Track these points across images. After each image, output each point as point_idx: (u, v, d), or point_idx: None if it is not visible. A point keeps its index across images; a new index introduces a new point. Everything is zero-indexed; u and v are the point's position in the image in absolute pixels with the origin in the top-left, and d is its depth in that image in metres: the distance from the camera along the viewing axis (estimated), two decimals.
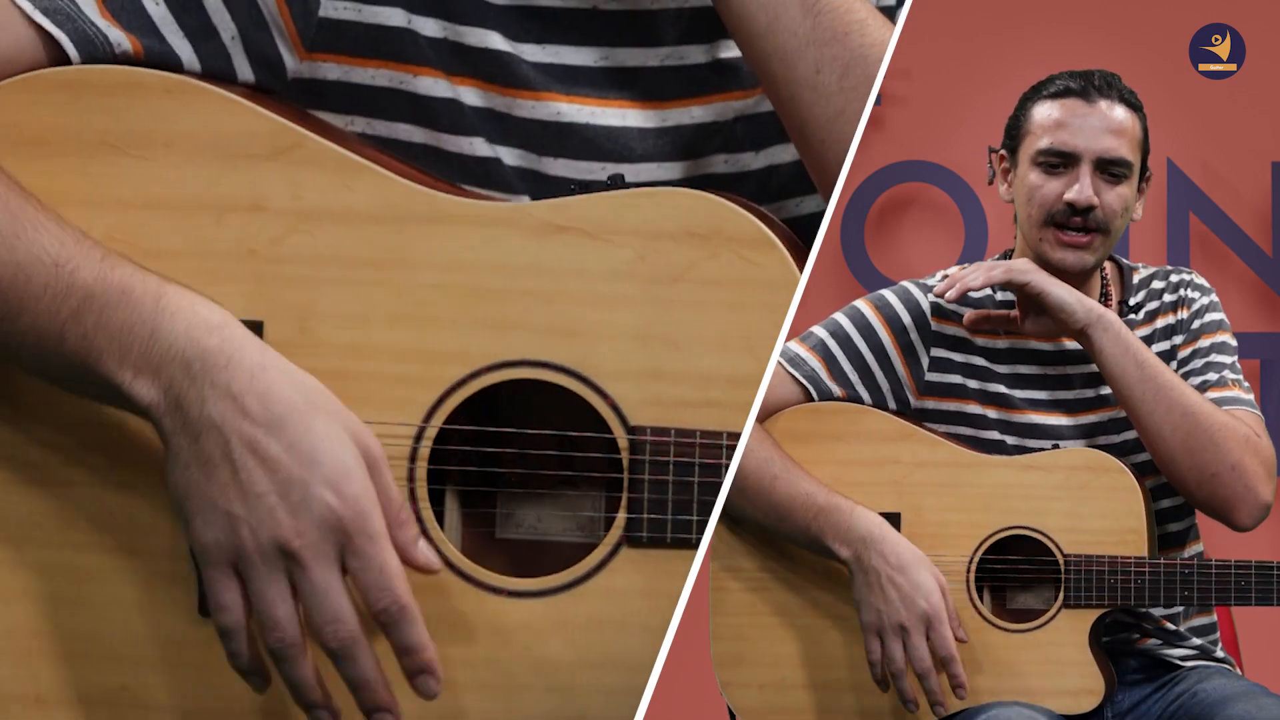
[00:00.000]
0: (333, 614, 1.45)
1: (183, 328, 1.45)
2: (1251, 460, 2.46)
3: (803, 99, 1.59)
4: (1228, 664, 2.62)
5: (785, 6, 1.58)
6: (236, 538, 1.44)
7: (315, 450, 1.44)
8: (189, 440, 1.45)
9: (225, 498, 1.44)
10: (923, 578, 2.44)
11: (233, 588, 1.47)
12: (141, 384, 1.45)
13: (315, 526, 1.43)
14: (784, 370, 2.58)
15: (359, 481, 1.44)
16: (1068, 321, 2.48)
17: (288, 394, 1.44)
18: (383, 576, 1.45)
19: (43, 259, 1.45)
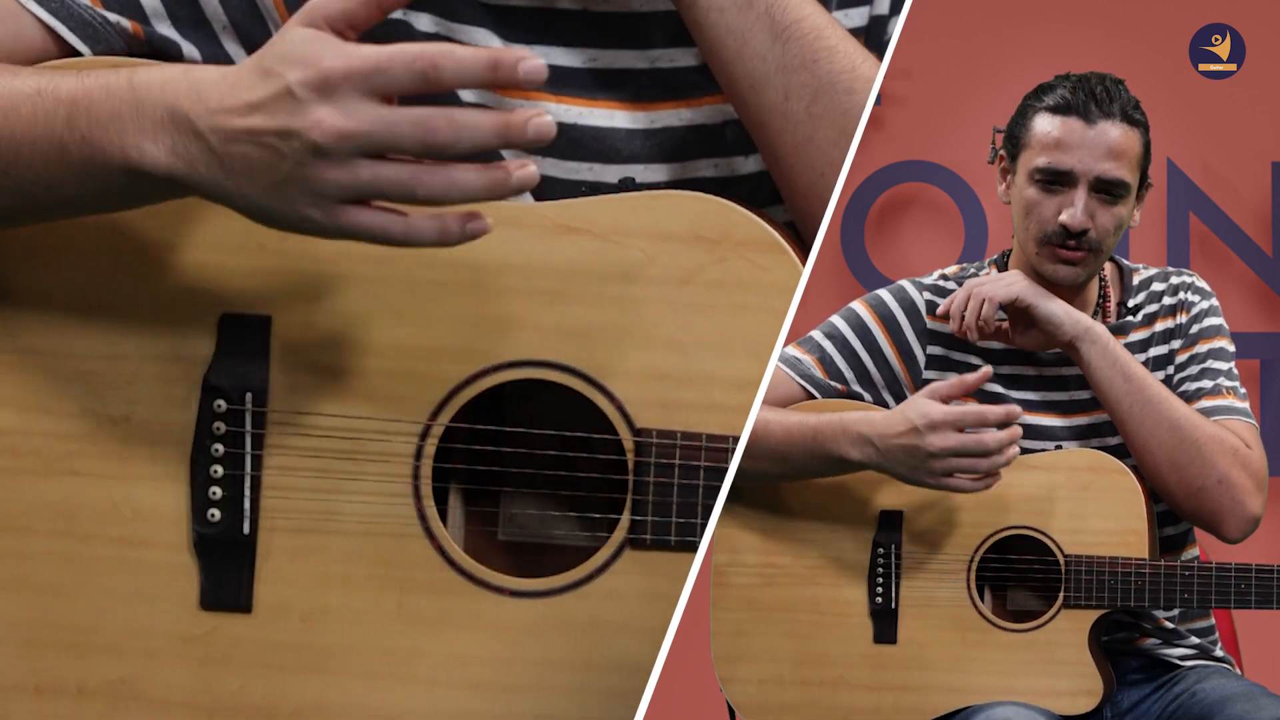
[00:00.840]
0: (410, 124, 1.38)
1: (157, 87, 1.43)
2: (1239, 474, 2.47)
3: (772, 124, 1.60)
4: (1227, 663, 2.63)
5: (753, 32, 1.58)
6: (307, 183, 1.40)
7: (272, 67, 1.39)
8: (217, 168, 1.43)
9: (271, 169, 1.40)
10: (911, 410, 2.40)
11: (360, 213, 1.41)
12: (149, 153, 1.44)
13: (321, 104, 1.38)
14: (784, 373, 2.59)
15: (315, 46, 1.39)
16: (1055, 335, 2.51)
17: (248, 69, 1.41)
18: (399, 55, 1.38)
19: (25, 91, 1.46)
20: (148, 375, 1.56)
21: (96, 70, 1.46)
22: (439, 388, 1.54)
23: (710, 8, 1.59)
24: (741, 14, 1.58)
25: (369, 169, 1.39)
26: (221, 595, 1.55)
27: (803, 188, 1.60)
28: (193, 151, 1.42)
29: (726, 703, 2.62)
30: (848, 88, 1.59)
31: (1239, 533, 2.48)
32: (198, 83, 1.43)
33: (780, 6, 1.59)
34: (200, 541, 1.55)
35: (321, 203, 1.40)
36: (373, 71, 1.37)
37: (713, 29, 1.59)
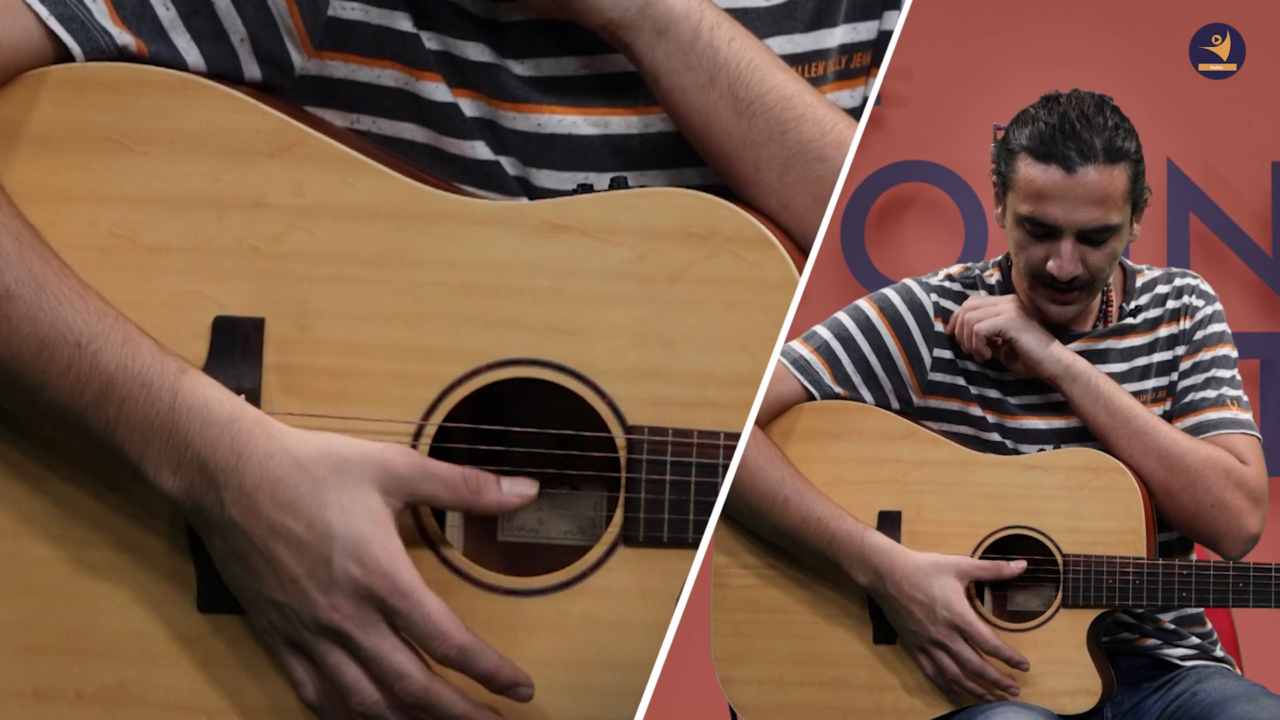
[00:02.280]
0: (395, 674, 1.47)
1: (198, 428, 1.47)
2: (1233, 495, 2.48)
3: (746, 193, 1.60)
4: (1227, 663, 2.63)
5: (717, 110, 1.59)
6: (285, 622, 1.48)
7: (329, 525, 1.45)
8: (220, 539, 1.48)
9: (266, 587, 1.47)
10: (938, 588, 2.45)
11: (303, 665, 1.50)
12: (165, 477, 1.48)
13: (348, 599, 1.46)
14: (786, 370, 2.59)
15: (376, 543, 1.46)
16: (1036, 371, 2.53)
17: (295, 478, 1.46)
18: (429, 626, 1.46)
19: (66, 337, 1.47)
20: None
21: (142, 351, 1.48)
22: (431, 388, 1.54)
23: (673, 88, 1.59)
24: (704, 93, 1.59)
25: (336, 658, 1.48)
26: (218, 597, 1.55)
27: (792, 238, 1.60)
28: (207, 507, 1.47)
29: (729, 705, 2.62)
30: (819, 155, 1.60)
31: (1237, 552, 2.50)
32: (241, 446, 1.46)
33: (744, 82, 1.59)
34: (197, 544, 1.55)
35: (280, 634, 1.49)
36: (403, 614, 1.46)
37: (676, 107, 1.60)
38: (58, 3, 1.53)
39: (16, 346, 1.47)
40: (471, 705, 1.50)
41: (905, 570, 2.47)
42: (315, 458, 1.47)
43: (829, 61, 1.72)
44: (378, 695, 1.48)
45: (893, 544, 2.49)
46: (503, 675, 1.49)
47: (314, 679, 1.50)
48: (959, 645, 2.45)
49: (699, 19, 1.58)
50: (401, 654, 1.47)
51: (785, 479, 2.51)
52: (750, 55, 1.59)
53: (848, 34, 1.72)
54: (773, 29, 1.68)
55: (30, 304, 1.47)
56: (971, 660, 2.45)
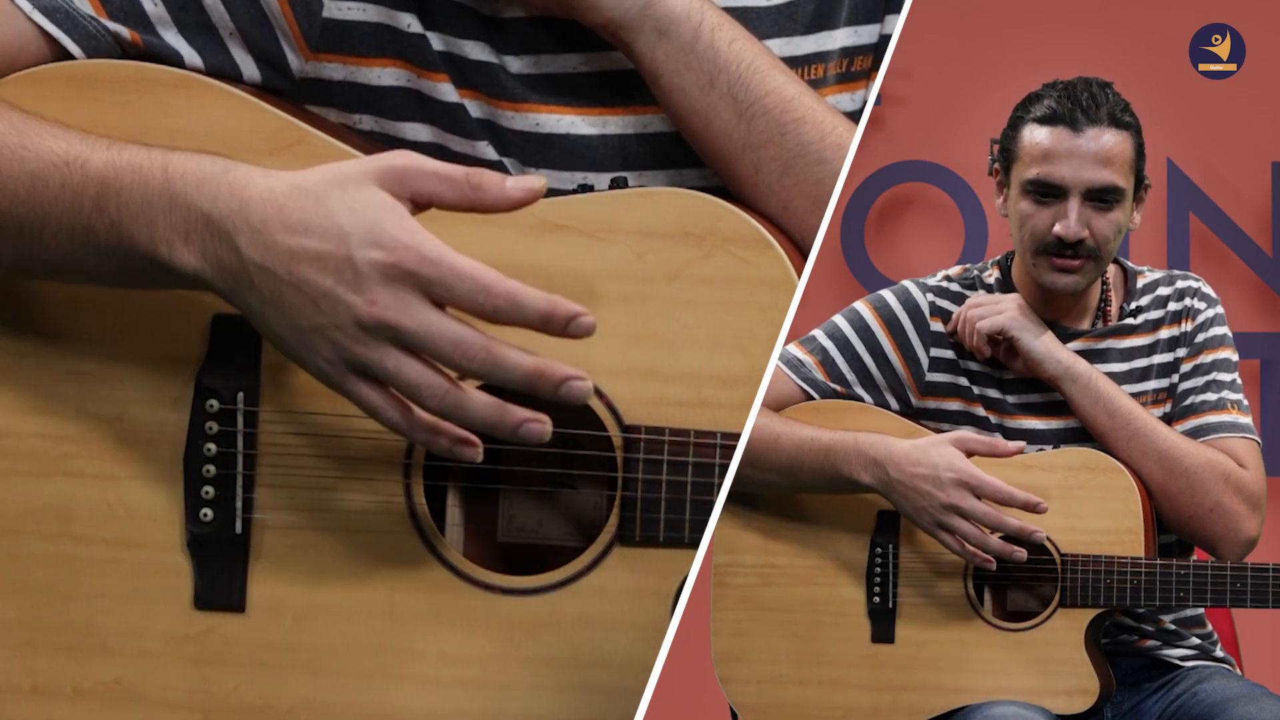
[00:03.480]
0: (451, 343, 1.41)
1: (194, 187, 1.44)
2: (1231, 500, 2.48)
3: (745, 194, 1.60)
4: (1227, 664, 2.63)
5: (717, 112, 1.59)
6: (334, 344, 1.43)
7: (340, 225, 1.41)
8: (248, 290, 1.44)
9: (304, 316, 1.43)
10: (937, 454, 2.45)
11: (370, 388, 1.44)
12: (179, 253, 1.45)
13: (381, 287, 1.40)
14: (782, 372, 2.59)
15: (391, 223, 1.41)
16: (1036, 371, 2.53)
17: (297, 198, 1.43)
18: (469, 281, 1.41)
19: (53, 160, 1.46)
20: (140, 376, 1.56)
21: (128, 148, 1.47)
22: None
23: (673, 89, 1.59)
24: (704, 94, 1.59)
25: (395, 360, 1.42)
26: (215, 595, 1.56)
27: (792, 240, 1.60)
28: (225, 262, 1.44)
29: (729, 705, 2.62)
30: (818, 157, 1.60)
31: (1235, 556, 2.50)
32: (240, 190, 1.44)
33: (744, 84, 1.59)
34: (193, 541, 1.56)
35: (338, 364, 1.43)
36: (438, 281, 1.40)
37: (676, 109, 1.60)
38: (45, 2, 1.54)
39: (11, 189, 1.47)
40: (536, 357, 1.43)
41: (904, 449, 2.46)
42: (314, 179, 1.44)
43: (829, 64, 1.72)
44: (447, 385, 1.43)
45: (886, 435, 2.49)
46: (560, 309, 1.42)
47: (388, 398, 1.44)
48: (971, 503, 2.43)
49: (700, 20, 1.58)
50: (451, 323, 1.41)
51: (773, 421, 2.51)
52: (751, 57, 1.59)
53: (849, 37, 1.72)
54: (773, 31, 1.68)
55: (14, 145, 1.47)
56: (988, 514, 2.43)
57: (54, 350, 1.56)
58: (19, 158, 1.47)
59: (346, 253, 1.40)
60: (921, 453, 2.46)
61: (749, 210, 1.55)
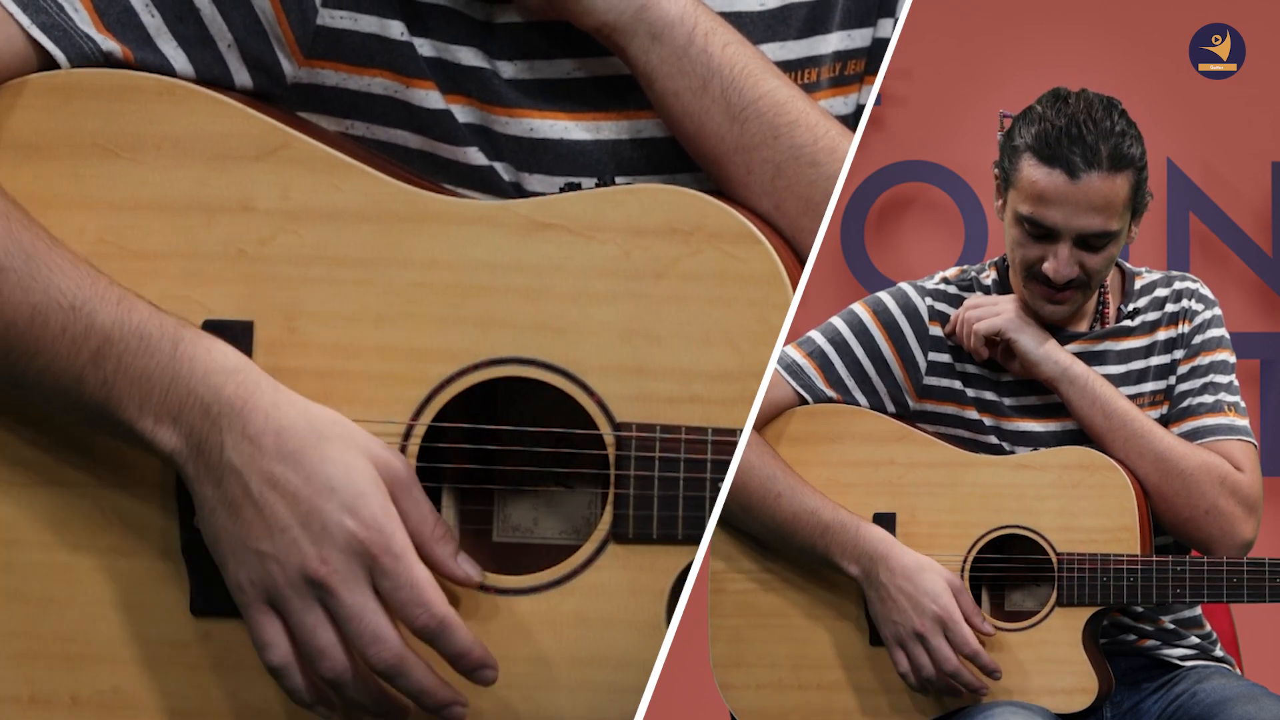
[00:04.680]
0: (371, 635, 1.47)
1: (200, 374, 1.47)
2: (1227, 502, 2.49)
3: (738, 196, 1.60)
4: (1227, 664, 2.63)
5: (710, 115, 1.59)
6: (267, 575, 1.46)
7: (330, 478, 1.45)
8: (213, 485, 1.47)
9: (252, 536, 1.46)
10: (929, 582, 2.45)
11: (274, 625, 1.48)
12: (163, 431, 1.48)
13: (339, 552, 1.45)
14: (778, 375, 2.59)
15: (376, 503, 1.46)
16: (1033, 373, 2.53)
17: (301, 428, 1.46)
18: (414, 592, 1.46)
19: (59, 301, 1.47)
20: None
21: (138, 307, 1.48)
22: (420, 388, 1.54)
23: (666, 92, 1.60)
24: (697, 98, 1.59)
25: (315, 618, 1.47)
26: (212, 601, 1.55)
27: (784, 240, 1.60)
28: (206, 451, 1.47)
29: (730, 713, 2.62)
30: (811, 160, 1.60)
31: (1231, 558, 2.49)
32: (248, 394, 1.47)
33: (737, 88, 1.59)
34: (189, 547, 1.55)
35: (259, 591, 1.48)
36: (390, 576, 1.46)
37: (669, 112, 1.61)
38: (39, 11, 1.54)
39: (9, 316, 1.47)
40: (439, 680, 1.49)
41: (902, 561, 2.47)
42: (323, 417, 1.47)
43: (822, 68, 1.72)
44: (347, 662, 1.48)
45: (889, 535, 2.49)
46: (474, 655, 1.49)
47: (283, 641, 1.48)
48: (939, 641, 2.45)
49: (694, 24, 1.58)
50: (381, 617, 1.46)
51: (777, 475, 2.51)
52: (744, 61, 1.59)
53: (842, 40, 1.72)
54: (766, 35, 1.68)
55: (21, 274, 1.47)
56: (948, 660, 2.45)
57: None
58: (25, 287, 1.47)
59: (322, 505, 1.45)
60: (916, 571, 2.47)
61: (737, 206, 1.55)
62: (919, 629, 2.45)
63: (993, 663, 2.46)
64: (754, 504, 2.51)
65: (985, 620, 2.48)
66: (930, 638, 2.45)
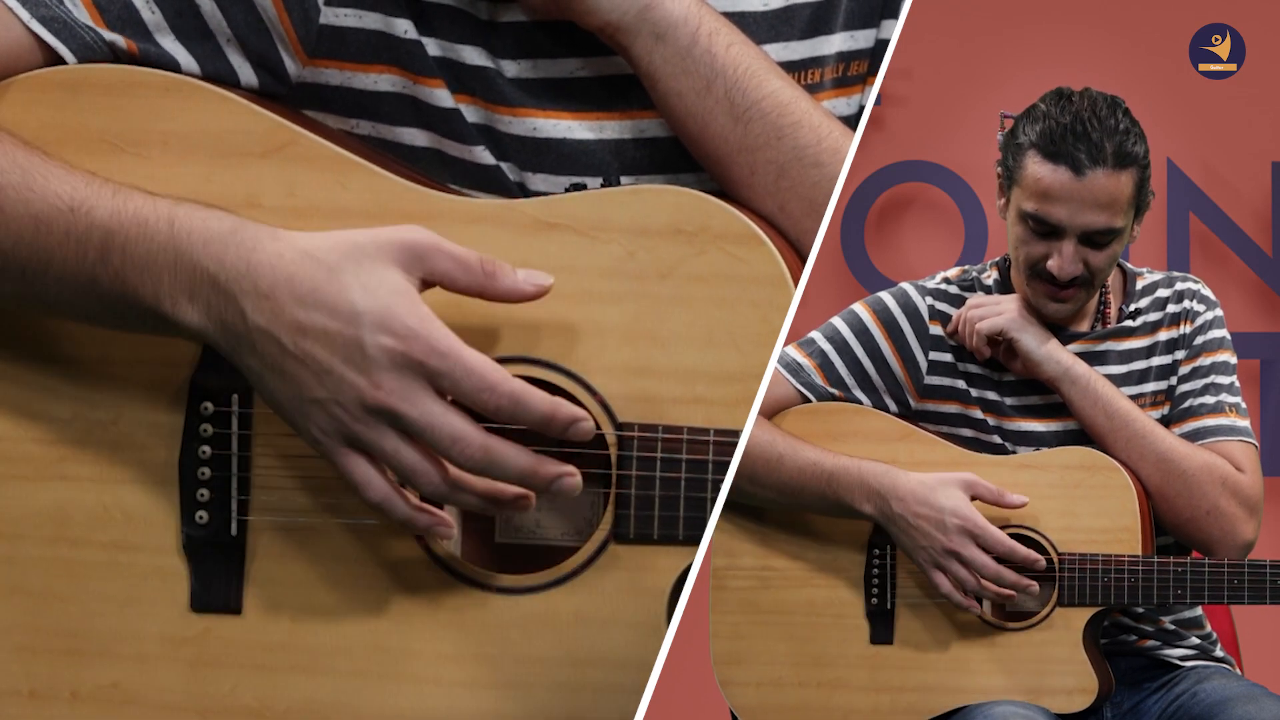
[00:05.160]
0: (450, 438, 1.45)
1: (199, 245, 1.45)
2: (1228, 503, 2.49)
3: (741, 197, 1.60)
4: (1227, 664, 2.63)
5: (713, 115, 1.59)
6: (334, 419, 1.45)
7: (353, 304, 1.43)
8: (250, 353, 1.46)
9: (305, 388, 1.45)
10: (944, 497, 2.45)
11: (361, 462, 1.47)
12: (184, 310, 1.47)
13: (388, 372, 1.43)
14: (780, 374, 2.59)
15: (404, 310, 1.44)
16: (1035, 372, 2.54)
17: (309, 269, 1.44)
18: (475, 378, 1.44)
19: (58, 205, 1.46)
20: (135, 379, 1.56)
21: (133, 196, 1.48)
22: None
23: (670, 92, 1.60)
24: (700, 98, 1.59)
25: (393, 443, 1.45)
26: (211, 597, 1.56)
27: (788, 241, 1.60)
28: (229, 323, 1.46)
29: (730, 710, 2.62)
30: (814, 161, 1.60)
31: (1232, 559, 2.49)
32: (249, 252, 1.45)
33: (740, 88, 1.59)
34: (189, 544, 1.56)
35: (334, 436, 1.46)
36: (445, 374, 1.44)
37: (672, 112, 1.61)
38: (39, 5, 1.54)
39: (15, 230, 1.47)
40: (536, 457, 1.47)
41: (910, 486, 2.47)
42: (326, 247, 1.46)
43: (826, 69, 1.72)
44: (443, 473, 1.46)
45: (891, 467, 2.49)
46: (561, 414, 1.46)
47: (376, 475, 1.47)
48: (972, 551, 2.45)
49: (698, 24, 1.59)
50: (453, 417, 1.44)
51: (776, 439, 2.52)
52: (748, 61, 1.60)
53: (845, 41, 1.72)
54: (769, 36, 1.68)
55: (19, 186, 1.47)
56: (987, 565, 2.45)
57: (49, 355, 1.56)
58: (24, 199, 1.47)
59: (356, 334, 1.43)
60: (928, 491, 2.47)
61: (741, 207, 1.55)
62: (948, 546, 2.45)
63: (1030, 555, 2.46)
64: (758, 472, 2.51)
65: (1013, 495, 2.48)
66: (962, 551, 2.45)
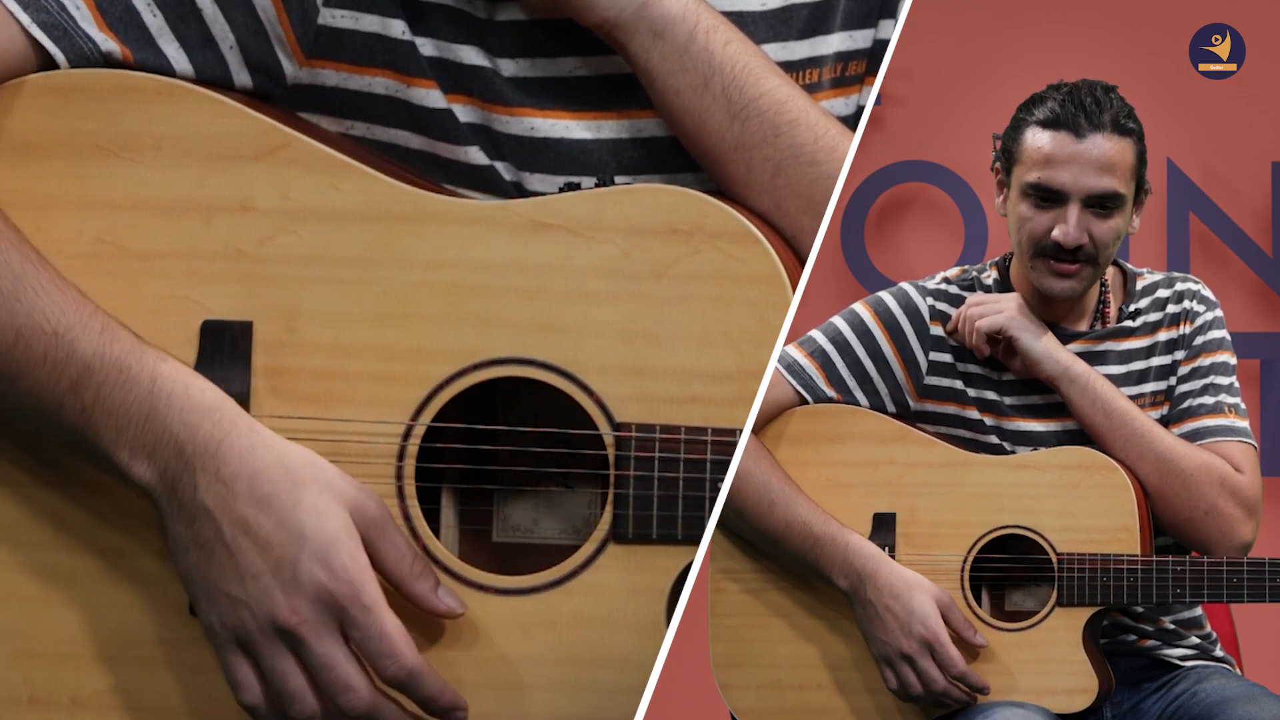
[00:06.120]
0: (343, 685, 1.47)
1: (177, 412, 1.47)
2: (1227, 503, 2.49)
3: (738, 194, 1.61)
4: (1227, 664, 2.63)
5: (710, 113, 1.59)
6: (238, 619, 1.47)
7: (302, 526, 1.45)
8: (185, 524, 1.48)
9: (224, 580, 1.47)
10: (917, 602, 2.45)
11: (245, 666, 1.49)
12: (138, 465, 1.48)
13: (309, 603, 1.45)
14: (779, 374, 2.59)
15: (347, 552, 1.46)
16: (1035, 371, 2.54)
17: (275, 474, 1.46)
18: (384, 643, 1.47)
19: (43, 326, 1.47)
20: None
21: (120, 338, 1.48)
22: (420, 388, 1.54)
23: (667, 90, 1.60)
24: (698, 95, 1.59)
25: (286, 664, 1.48)
26: None
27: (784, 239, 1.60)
28: (179, 490, 1.47)
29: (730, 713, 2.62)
30: (811, 159, 1.60)
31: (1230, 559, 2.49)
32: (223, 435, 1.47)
33: (738, 86, 1.59)
34: None
35: (230, 632, 1.48)
36: (360, 627, 1.46)
37: (670, 109, 1.61)
38: (40, 10, 1.54)
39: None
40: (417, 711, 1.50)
41: (889, 579, 2.47)
42: (298, 460, 1.47)
43: (824, 69, 1.72)
44: (317, 707, 1.48)
45: (879, 551, 2.49)
46: (443, 700, 1.50)
47: (254, 682, 1.49)
48: (926, 664, 2.45)
49: (695, 22, 1.59)
50: (352, 666, 1.47)
51: (773, 483, 2.52)
52: (745, 59, 1.60)
53: (843, 41, 1.72)
54: (768, 35, 1.68)
55: (7, 295, 1.47)
56: (936, 681, 2.46)
57: None
58: (9, 309, 1.47)
59: (294, 554, 1.45)
60: (905, 589, 2.47)
61: (737, 206, 1.55)
62: (906, 650, 2.46)
63: (981, 681, 2.46)
64: (748, 510, 2.51)
65: (977, 634, 2.48)
66: (918, 659, 2.45)
